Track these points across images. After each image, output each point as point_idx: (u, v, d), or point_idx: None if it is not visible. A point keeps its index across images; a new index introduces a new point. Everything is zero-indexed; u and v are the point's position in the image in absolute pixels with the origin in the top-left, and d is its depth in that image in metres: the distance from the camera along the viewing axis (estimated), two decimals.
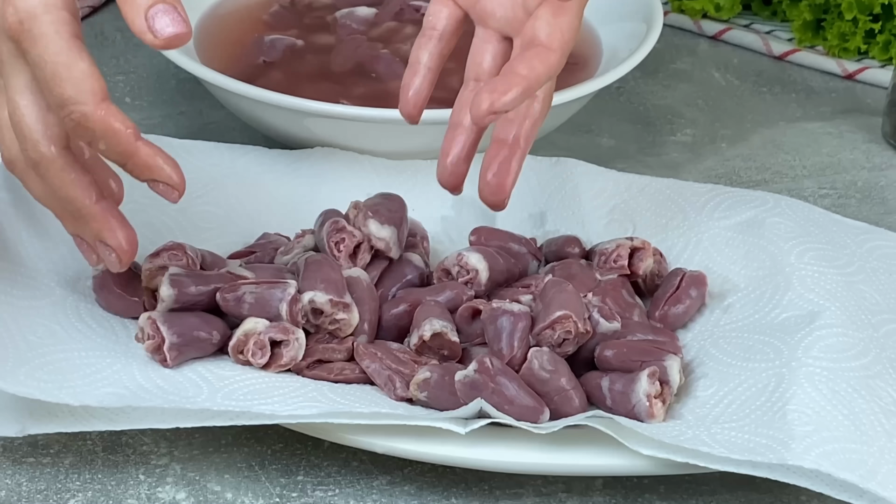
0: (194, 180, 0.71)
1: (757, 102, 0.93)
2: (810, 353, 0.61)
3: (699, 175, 0.83)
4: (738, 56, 0.98)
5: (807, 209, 0.72)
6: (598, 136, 0.87)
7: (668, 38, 1.00)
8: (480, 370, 0.57)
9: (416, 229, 0.69)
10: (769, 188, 0.82)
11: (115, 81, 0.89)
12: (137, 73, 0.90)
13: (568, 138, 0.86)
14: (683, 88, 0.94)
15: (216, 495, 0.56)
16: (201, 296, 0.60)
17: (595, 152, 0.85)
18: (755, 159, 0.86)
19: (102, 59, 0.91)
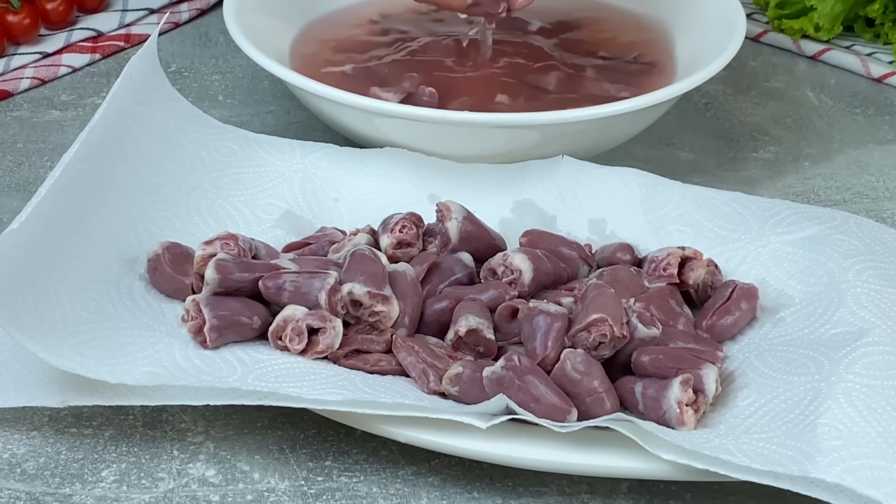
0: (263, 174, 0.74)
1: (847, 123, 0.91)
2: (852, 370, 0.60)
3: (776, 192, 0.83)
4: (836, 77, 0.97)
5: (876, 228, 0.71)
6: (678, 149, 0.87)
7: (767, 57, 0.99)
8: (508, 367, 0.58)
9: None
10: (846, 208, 0.81)
11: (212, 80, 0.92)
12: (233, 74, 0.93)
13: (646, 150, 0.86)
14: (773, 106, 0.93)
15: (244, 474, 0.58)
16: (245, 282, 0.62)
17: (672, 165, 0.85)
18: (837, 179, 0.84)
19: (203, 58, 0.94)
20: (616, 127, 0.78)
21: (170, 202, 0.70)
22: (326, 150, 0.76)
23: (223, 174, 0.73)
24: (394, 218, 0.68)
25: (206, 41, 0.98)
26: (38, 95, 0.89)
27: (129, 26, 0.96)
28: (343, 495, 0.57)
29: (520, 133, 0.75)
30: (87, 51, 0.93)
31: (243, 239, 0.65)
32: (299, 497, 0.57)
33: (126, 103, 0.70)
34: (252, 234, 0.69)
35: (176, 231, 0.68)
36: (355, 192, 0.74)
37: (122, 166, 0.68)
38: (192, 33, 0.98)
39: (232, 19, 0.80)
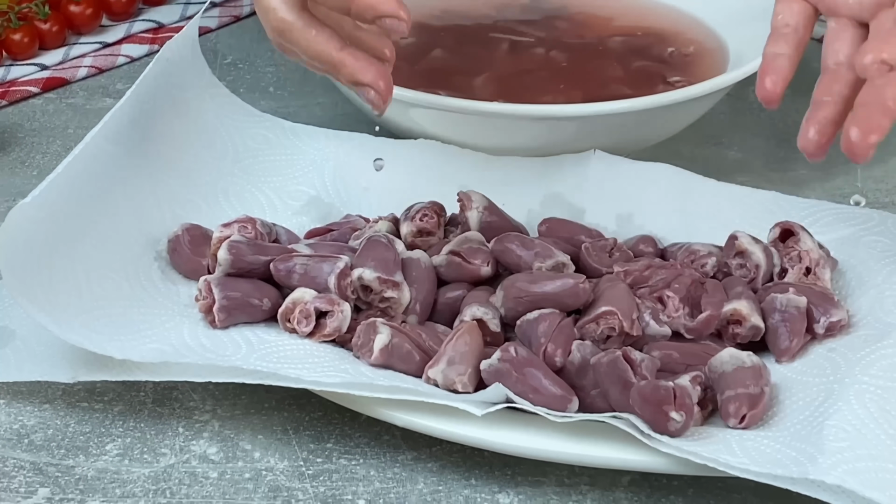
0: (295, 161, 0.75)
1: None
2: (868, 371, 0.58)
3: (822, 193, 0.81)
4: None
5: None
6: (727, 148, 0.86)
7: None
8: (504, 359, 0.58)
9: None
10: (895, 210, 0.79)
11: (265, 72, 0.93)
12: (287, 67, 0.94)
13: (693, 149, 0.85)
14: None
15: (245, 453, 0.59)
16: (257, 264, 0.63)
17: (719, 164, 0.83)
18: (888, 181, 0.82)
19: (259, 51, 0.96)
20: (656, 121, 0.77)
21: (199, 186, 0.71)
22: (360, 140, 0.76)
23: (255, 161, 0.74)
24: (416, 206, 0.69)
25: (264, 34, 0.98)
26: (94, 84, 0.91)
27: (190, 19, 0.98)
28: (340, 477, 0.58)
29: (557, 126, 0.75)
30: (147, 42, 0.95)
31: (262, 223, 0.66)
32: (296, 477, 0.58)
33: (162, 88, 0.72)
34: (277, 219, 0.70)
35: (202, 214, 0.69)
36: (385, 182, 0.74)
37: (153, 149, 0.70)
38: (251, 27, 0.99)
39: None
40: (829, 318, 0.63)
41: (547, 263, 0.63)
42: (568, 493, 0.58)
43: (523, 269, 0.63)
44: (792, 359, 0.62)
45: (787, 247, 0.66)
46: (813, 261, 0.65)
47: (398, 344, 0.60)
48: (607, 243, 0.67)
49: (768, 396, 0.59)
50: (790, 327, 0.62)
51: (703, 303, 0.63)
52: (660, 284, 0.63)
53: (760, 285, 0.65)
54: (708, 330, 0.62)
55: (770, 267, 0.66)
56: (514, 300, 0.62)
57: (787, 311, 0.62)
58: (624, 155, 0.78)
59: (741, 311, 0.62)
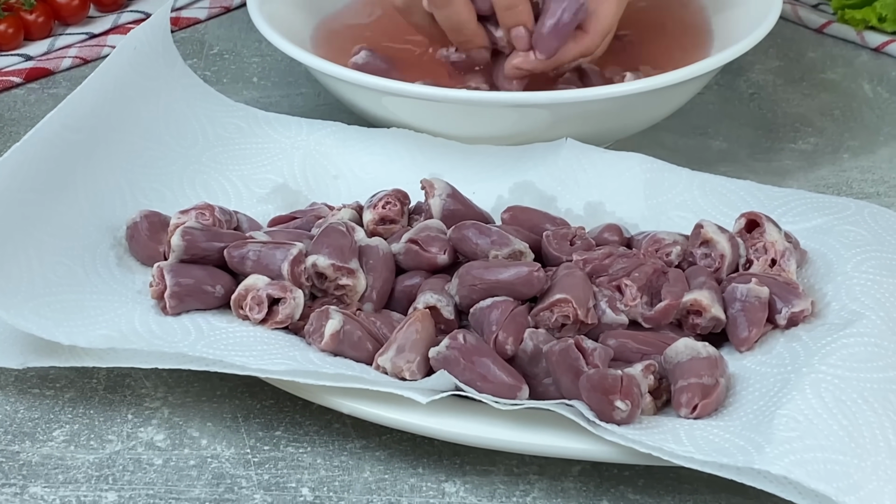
0: (265, 150, 0.75)
1: None
2: (827, 361, 0.57)
3: (806, 183, 0.80)
4: None
5: (892, 219, 0.68)
6: (712, 138, 0.85)
7: (828, 49, 0.96)
8: (453, 346, 0.57)
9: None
10: (879, 201, 0.77)
11: (250, 63, 0.93)
12: (273, 58, 0.93)
13: (677, 139, 0.84)
14: (824, 98, 0.90)
15: (192, 440, 0.59)
16: (212, 251, 0.62)
17: (702, 154, 0.82)
18: (875, 172, 0.81)
19: (246, 42, 0.95)
20: (633, 109, 0.76)
21: (164, 175, 0.71)
22: (332, 128, 0.76)
23: (225, 150, 0.74)
24: (378, 194, 0.68)
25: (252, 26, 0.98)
26: (78, 74, 0.91)
27: (179, 10, 0.98)
28: (286, 465, 0.57)
29: (530, 113, 0.74)
30: None
31: (221, 210, 0.66)
32: (241, 465, 0.57)
33: (129, 76, 0.72)
34: (241, 207, 0.70)
35: (165, 202, 0.69)
36: (356, 170, 0.74)
37: (117, 137, 0.70)
38: (240, 18, 0.99)
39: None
40: (792, 308, 0.61)
41: (503, 251, 0.63)
42: (516, 483, 0.57)
43: (480, 256, 0.63)
44: (751, 348, 0.61)
45: (753, 238, 0.65)
46: (778, 252, 0.64)
47: (349, 331, 0.59)
48: (569, 232, 0.66)
49: (723, 387, 0.58)
50: (749, 317, 0.61)
51: (664, 292, 0.62)
52: (620, 273, 0.62)
53: (725, 275, 0.64)
54: (666, 319, 0.61)
55: (736, 257, 0.65)
56: (469, 288, 0.61)
57: (747, 300, 0.61)
58: (605, 144, 0.78)
59: (701, 301, 0.61)
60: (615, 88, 0.73)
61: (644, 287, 0.61)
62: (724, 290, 0.62)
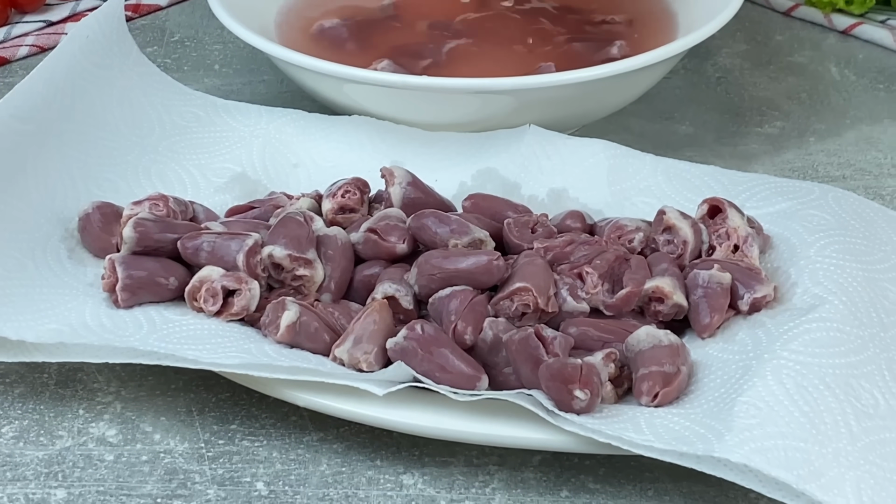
0: (223, 138, 0.73)
1: (866, 99, 0.87)
2: (789, 346, 0.57)
3: (772, 167, 0.79)
4: (866, 52, 0.92)
5: (856, 202, 0.67)
6: (679, 123, 0.84)
7: (795, 32, 0.95)
8: (411, 337, 0.56)
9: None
10: (844, 185, 0.77)
11: (212, 50, 0.92)
12: (235, 44, 0.92)
13: (643, 124, 0.83)
14: (791, 81, 0.89)
15: (145, 435, 0.58)
16: (165, 242, 0.61)
17: (668, 139, 0.82)
18: (841, 155, 0.80)
19: (208, 29, 0.94)
20: (598, 95, 0.75)
21: (119, 165, 0.69)
22: (292, 116, 0.75)
23: (182, 139, 0.72)
24: (338, 183, 0.67)
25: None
26: (35, 63, 0.88)
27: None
28: (241, 459, 0.56)
29: (493, 99, 0.73)
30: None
31: (176, 200, 0.65)
32: (195, 459, 0.56)
33: (81, 65, 0.70)
34: (198, 197, 0.69)
35: (119, 193, 0.68)
36: (316, 159, 0.73)
37: (69, 128, 0.68)
38: (202, 4, 0.97)
39: None
40: (754, 294, 0.61)
41: (463, 240, 0.62)
42: (475, 474, 0.56)
43: (439, 245, 0.62)
44: (712, 335, 0.60)
45: (715, 223, 0.64)
46: (741, 238, 0.63)
47: (306, 322, 0.58)
48: (531, 219, 0.65)
49: (684, 375, 0.57)
50: (711, 303, 0.60)
51: (626, 279, 0.61)
52: (581, 260, 0.62)
53: (688, 262, 0.63)
54: (627, 307, 0.60)
55: (698, 243, 0.64)
56: (428, 277, 0.60)
57: (709, 287, 0.60)
58: (570, 129, 0.77)
59: (663, 288, 0.60)
60: (580, 74, 0.72)
61: (606, 274, 0.61)
62: (686, 277, 0.62)
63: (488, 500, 0.55)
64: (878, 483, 0.52)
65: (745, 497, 0.55)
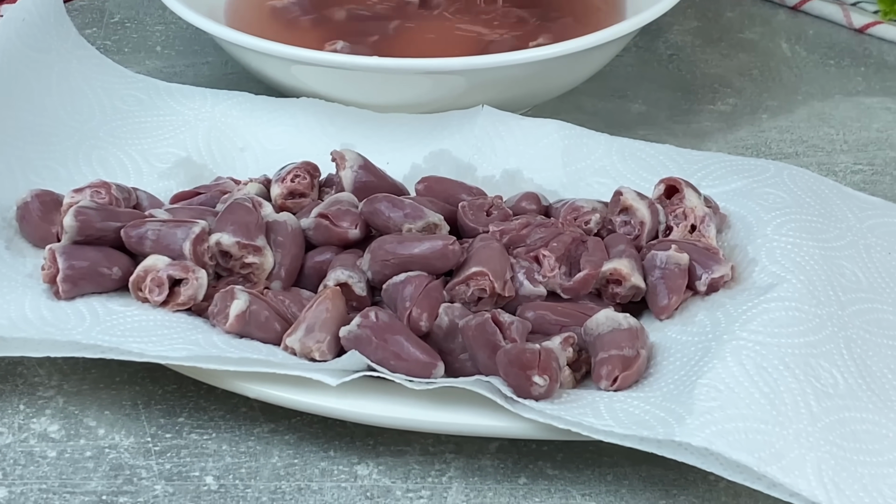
0: (167, 122, 0.71)
1: (818, 75, 0.86)
2: (747, 327, 0.56)
3: (725, 145, 0.78)
4: (816, 28, 0.91)
5: (812, 180, 0.67)
6: (631, 101, 0.83)
7: (745, 8, 0.94)
8: (364, 325, 0.55)
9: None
10: (798, 161, 0.76)
11: (153, 31, 0.89)
12: (178, 25, 0.90)
13: (596, 103, 0.82)
14: (742, 58, 0.88)
15: (89, 430, 0.56)
16: (108, 231, 0.59)
17: (621, 118, 0.81)
18: (794, 132, 0.80)
19: (149, 9, 0.92)
20: (550, 74, 0.74)
21: (58, 151, 0.67)
22: (238, 99, 0.73)
23: (124, 123, 0.70)
24: (287, 167, 0.65)
25: None
26: None
27: None
28: (189, 452, 0.55)
29: (444, 80, 0.72)
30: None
31: (118, 187, 0.63)
32: (141, 454, 0.55)
33: (17, 49, 0.68)
34: (141, 183, 0.67)
35: (59, 180, 0.66)
36: (264, 142, 0.71)
37: (6, 114, 0.66)
38: None
39: None
40: (712, 274, 0.60)
41: (417, 224, 0.60)
42: (431, 463, 0.55)
43: (393, 230, 0.60)
44: (671, 316, 0.59)
45: (672, 204, 0.63)
46: (698, 218, 0.62)
47: (256, 311, 0.56)
48: (486, 202, 0.63)
49: (644, 358, 0.56)
50: (669, 284, 0.59)
51: (583, 262, 0.60)
52: (538, 243, 0.60)
53: (645, 243, 0.62)
54: (585, 289, 0.59)
55: (655, 224, 0.63)
56: (381, 263, 0.58)
57: (667, 268, 0.59)
58: (523, 109, 0.75)
59: (621, 270, 0.59)
60: (531, 53, 0.71)
61: (562, 257, 0.59)
62: (643, 258, 0.60)
63: (445, 490, 0.54)
64: (839, 463, 0.51)
65: (704, 479, 0.54)
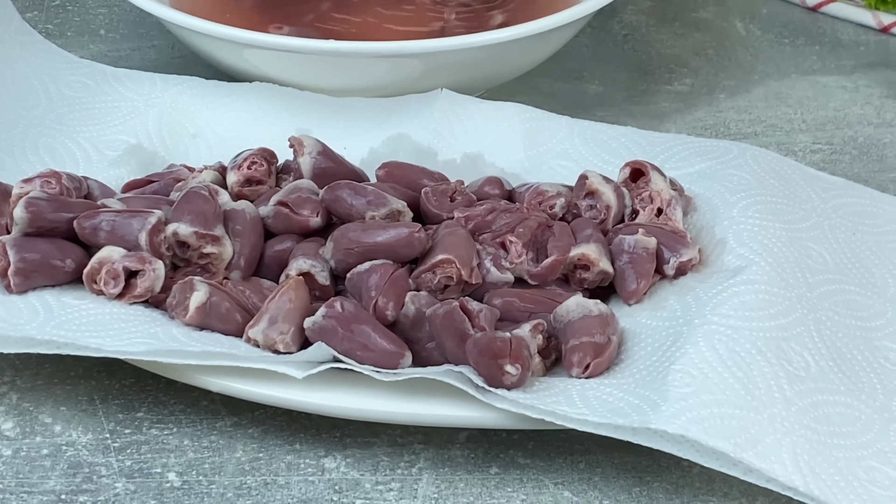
0: (115, 109, 0.69)
1: (773, 54, 0.86)
2: (718, 311, 0.55)
3: (684, 126, 0.78)
4: (769, 7, 0.91)
5: (775, 161, 0.66)
6: (588, 82, 0.82)
7: None
8: (330, 315, 0.53)
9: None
10: (756, 141, 0.76)
11: (97, 14, 0.87)
12: (121, 8, 0.88)
13: (552, 84, 0.81)
14: (697, 37, 0.88)
15: (45, 427, 0.54)
16: (60, 222, 0.57)
17: (579, 99, 0.80)
18: (751, 112, 0.79)
19: None
20: (507, 56, 0.72)
21: (3, 140, 0.65)
22: (190, 84, 0.71)
23: (70, 110, 0.68)
24: (243, 154, 0.64)
25: None
26: None
27: None
28: (150, 448, 0.53)
29: (401, 63, 0.70)
30: None
31: (69, 177, 0.61)
32: (100, 451, 0.53)
33: None
34: (91, 172, 0.65)
35: (6, 170, 0.64)
36: (216, 128, 0.69)
37: None
38: None
39: None
40: (680, 258, 0.59)
41: (380, 212, 0.59)
42: (400, 454, 0.53)
43: (355, 218, 0.59)
44: (640, 301, 0.58)
45: (638, 187, 0.62)
46: (664, 201, 0.62)
47: (217, 302, 0.55)
48: (449, 187, 0.62)
49: (615, 345, 0.55)
50: (637, 269, 0.58)
51: (550, 247, 0.58)
52: (503, 229, 0.59)
53: (611, 227, 0.61)
54: (553, 275, 0.58)
55: (621, 208, 0.62)
56: (345, 252, 0.57)
57: (634, 252, 0.59)
58: (480, 92, 0.74)
59: (589, 255, 0.58)
60: (488, 36, 0.70)
61: (529, 243, 0.58)
62: (610, 242, 0.60)
63: (415, 481, 0.52)
64: (814, 447, 0.51)
65: (677, 465, 0.53)
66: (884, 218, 0.64)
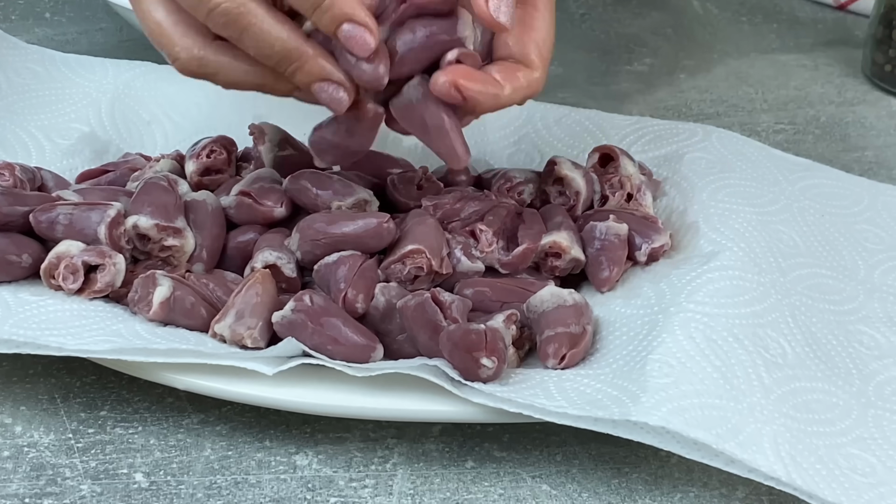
0: (67, 96, 0.67)
1: (731, 33, 0.85)
2: (693, 298, 0.54)
3: (646, 107, 0.77)
4: None
5: (740, 143, 0.66)
6: None
7: None
8: (299, 309, 0.52)
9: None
10: (719, 122, 0.75)
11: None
12: None
13: None
14: (655, 17, 0.87)
15: (5, 428, 0.52)
16: (15, 216, 0.55)
17: None
18: (713, 91, 0.79)
19: None
20: None
21: None
22: (142, 69, 0.69)
23: (20, 98, 0.66)
24: (202, 142, 0.62)
25: None
26: None
27: None
28: (115, 448, 0.51)
29: None
30: None
31: (22, 168, 0.59)
32: (64, 452, 0.51)
33: None
34: (44, 162, 0.63)
35: None
36: (172, 115, 0.67)
37: None
38: None
39: None
40: (652, 244, 0.58)
41: (347, 202, 0.57)
42: (373, 449, 0.52)
43: (321, 208, 0.57)
44: (612, 288, 0.57)
45: (607, 172, 0.61)
46: (634, 186, 0.61)
47: (181, 297, 0.53)
48: (415, 175, 0.61)
49: (590, 335, 0.54)
50: (609, 256, 0.57)
51: (520, 235, 0.57)
52: (473, 217, 0.58)
53: (581, 213, 0.60)
54: (524, 264, 0.57)
55: (591, 194, 0.61)
56: (311, 243, 0.55)
57: (606, 239, 0.58)
58: None
59: (561, 243, 0.57)
60: None
61: (499, 231, 0.57)
62: (581, 229, 0.59)
63: (390, 477, 0.51)
64: (794, 436, 0.50)
65: (655, 456, 0.52)
66: (851, 199, 0.64)
